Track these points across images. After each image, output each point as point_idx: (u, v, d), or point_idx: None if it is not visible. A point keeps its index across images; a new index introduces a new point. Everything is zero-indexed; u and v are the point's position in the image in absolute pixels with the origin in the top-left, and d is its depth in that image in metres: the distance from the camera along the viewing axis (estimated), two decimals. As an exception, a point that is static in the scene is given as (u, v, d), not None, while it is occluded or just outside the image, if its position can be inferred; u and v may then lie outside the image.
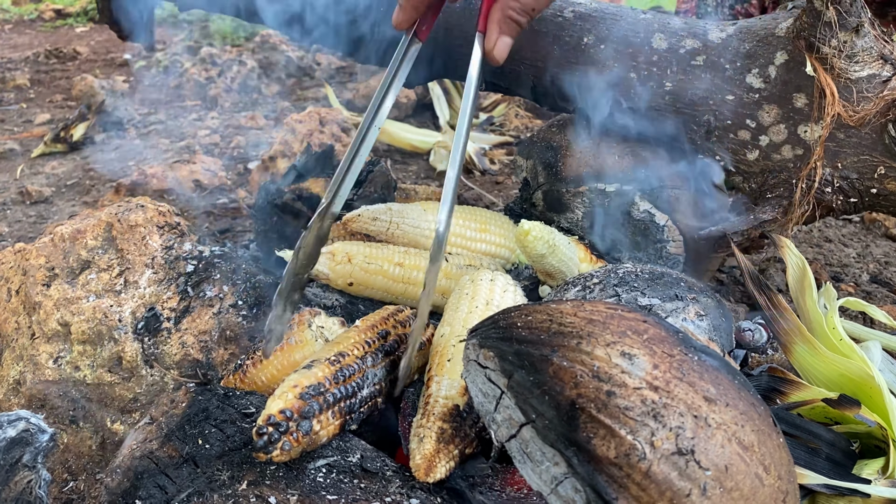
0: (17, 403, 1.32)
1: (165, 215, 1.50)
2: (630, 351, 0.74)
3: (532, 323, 0.79)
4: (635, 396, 0.70)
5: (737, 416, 0.73)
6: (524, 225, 1.27)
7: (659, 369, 0.73)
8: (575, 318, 0.78)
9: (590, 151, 1.58)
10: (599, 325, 0.77)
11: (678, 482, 0.67)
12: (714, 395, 0.73)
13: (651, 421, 0.69)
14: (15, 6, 7.99)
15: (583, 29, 1.50)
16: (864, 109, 1.29)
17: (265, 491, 0.88)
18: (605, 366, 0.72)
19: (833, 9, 1.26)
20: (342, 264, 1.36)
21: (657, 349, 0.75)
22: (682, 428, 0.69)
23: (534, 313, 0.81)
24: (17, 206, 2.59)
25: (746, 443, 0.72)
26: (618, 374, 0.72)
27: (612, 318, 0.78)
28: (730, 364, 0.80)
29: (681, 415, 0.70)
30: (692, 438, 0.69)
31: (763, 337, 1.41)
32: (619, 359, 0.73)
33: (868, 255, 2.10)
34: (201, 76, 4.19)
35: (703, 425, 0.70)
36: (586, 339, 0.75)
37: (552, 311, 0.80)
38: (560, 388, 0.72)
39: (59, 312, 1.35)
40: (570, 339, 0.75)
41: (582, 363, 0.73)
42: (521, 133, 3.24)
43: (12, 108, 3.97)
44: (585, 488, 0.69)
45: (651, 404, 0.70)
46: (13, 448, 0.89)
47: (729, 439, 0.71)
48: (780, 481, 0.74)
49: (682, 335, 0.79)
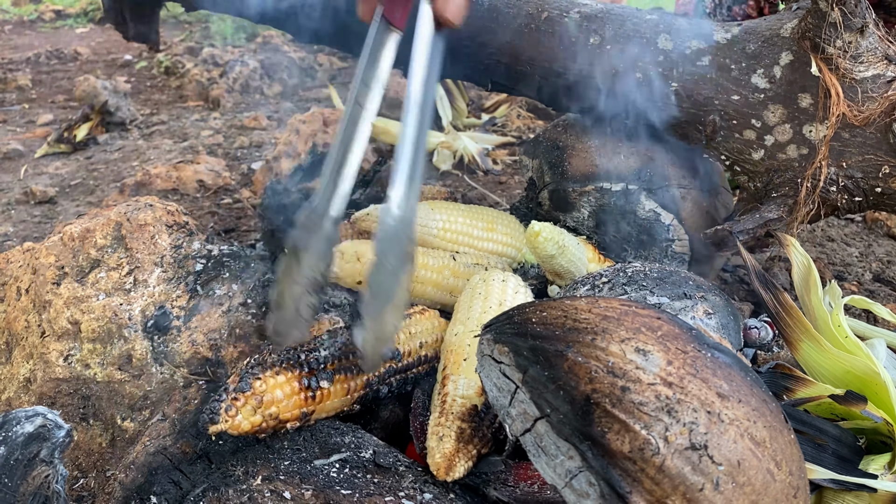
0: (28, 401, 1.33)
1: (174, 214, 1.51)
2: (644, 347, 0.75)
3: (547, 319, 0.80)
4: (649, 392, 0.71)
5: (749, 412, 0.74)
6: (534, 226, 1.28)
7: (673, 365, 0.73)
8: (589, 315, 0.79)
9: (595, 151, 1.59)
10: (614, 322, 0.78)
11: (691, 476, 0.68)
12: (727, 392, 0.74)
13: (665, 416, 0.70)
14: (15, 7, 7.99)
15: (589, 30, 1.51)
16: (868, 109, 1.30)
17: (279, 486, 0.89)
18: (619, 361, 0.73)
19: (838, 10, 1.26)
20: (351, 263, 1.38)
21: (671, 345, 0.76)
22: (696, 423, 0.70)
23: (548, 309, 0.82)
24: (22, 206, 2.59)
25: (758, 438, 0.73)
26: (632, 369, 0.73)
27: (627, 315, 0.79)
28: (742, 361, 0.81)
29: (694, 410, 0.70)
30: (705, 434, 0.70)
31: (769, 334, 1.42)
32: (633, 355, 0.74)
33: (871, 254, 2.12)
34: (203, 77, 4.20)
35: (716, 421, 0.71)
36: (601, 335, 0.76)
37: (567, 307, 0.81)
38: (575, 383, 0.73)
39: (69, 311, 1.35)
40: (584, 335, 0.76)
41: (597, 359, 0.74)
42: (524, 133, 3.25)
43: (14, 109, 3.97)
44: (599, 482, 0.70)
45: (665, 400, 0.71)
46: (31, 443, 0.90)
47: (741, 435, 0.71)
48: (791, 477, 0.75)
49: (696, 332, 0.80)
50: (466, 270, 1.42)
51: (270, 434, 0.98)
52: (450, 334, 1.14)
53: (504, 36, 1.57)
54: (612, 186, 1.54)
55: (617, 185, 1.54)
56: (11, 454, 0.88)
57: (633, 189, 1.53)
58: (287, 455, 0.95)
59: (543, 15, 1.55)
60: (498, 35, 1.57)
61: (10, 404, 1.35)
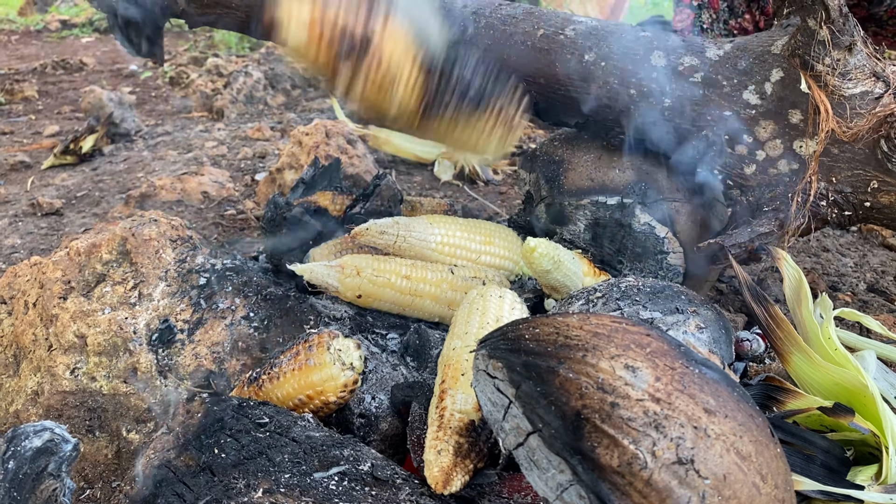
0: (36, 413, 1.36)
1: (178, 229, 1.54)
2: (633, 364, 0.77)
3: (539, 335, 0.82)
4: (638, 408, 0.73)
5: (735, 427, 0.76)
6: (530, 242, 1.31)
7: (661, 381, 0.76)
8: (581, 332, 0.82)
9: (591, 165, 1.62)
10: (604, 339, 0.80)
11: (678, 490, 0.71)
12: (714, 407, 0.76)
13: (653, 431, 0.72)
14: (21, 17, 8.06)
15: (584, 46, 1.54)
16: (857, 125, 1.33)
17: (280, 498, 0.92)
18: (609, 378, 0.76)
19: (826, 28, 1.29)
20: (351, 277, 1.40)
21: (659, 362, 0.78)
22: (683, 438, 0.72)
23: (541, 325, 0.84)
24: (29, 217, 2.63)
25: (744, 453, 0.75)
26: (621, 385, 0.75)
27: (617, 332, 0.82)
28: (729, 377, 0.84)
29: (681, 425, 0.73)
30: (692, 448, 0.72)
31: (761, 347, 1.45)
32: (622, 371, 0.76)
33: (865, 264, 2.14)
34: (207, 87, 4.24)
35: (702, 436, 0.73)
36: (591, 352, 0.78)
37: (559, 323, 0.84)
38: (566, 398, 0.75)
39: (76, 324, 1.39)
40: (575, 352, 0.79)
41: (587, 375, 0.76)
42: (524, 142, 3.27)
43: (21, 120, 4.02)
44: (589, 495, 0.72)
45: (653, 415, 0.73)
46: (39, 457, 0.93)
47: (727, 449, 0.74)
48: (776, 490, 0.77)
49: (684, 348, 0.83)
50: (464, 284, 1.45)
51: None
52: (447, 348, 1.17)
53: (501, 53, 1.60)
54: (607, 200, 1.57)
55: (612, 199, 1.57)
56: (20, 468, 0.91)
57: (629, 203, 1.56)
58: (287, 468, 0.98)
59: (539, 32, 1.58)
60: (494, 53, 1.60)
61: (19, 416, 1.38)
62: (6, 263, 2.23)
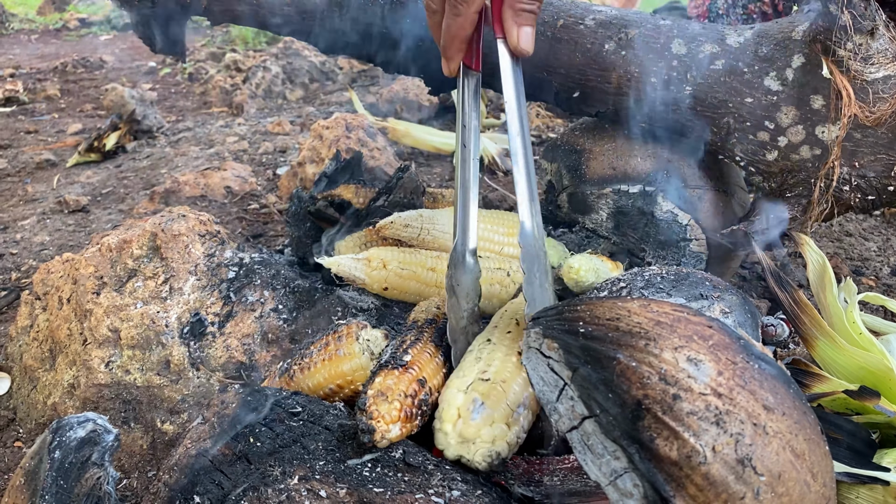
0: (73, 405, 1.40)
1: (206, 224, 1.57)
2: (696, 356, 0.77)
3: (599, 319, 0.82)
4: (700, 402, 0.73)
5: (791, 425, 0.76)
6: (573, 265, 1.34)
7: (723, 376, 0.76)
8: (643, 319, 0.81)
9: (613, 154, 1.63)
10: (667, 328, 0.80)
11: (734, 486, 0.71)
12: (772, 404, 0.76)
13: (713, 426, 0.72)
14: (40, 16, 8.15)
15: (604, 36, 1.55)
16: (879, 110, 1.33)
17: (315, 485, 0.94)
18: (672, 369, 0.75)
19: (848, 12, 1.29)
20: (378, 270, 1.42)
21: (721, 356, 0.78)
22: (742, 435, 0.72)
23: (600, 307, 0.84)
24: (57, 215, 2.67)
25: (799, 451, 0.75)
26: (684, 378, 0.75)
27: (679, 322, 0.81)
28: (786, 372, 0.83)
29: (741, 422, 0.73)
30: (750, 445, 0.72)
31: (785, 332, 1.45)
32: (685, 363, 0.76)
33: (889, 248, 2.13)
34: (227, 83, 4.27)
35: (761, 433, 0.73)
36: (654, 342, 0.78)
37: (619, 308, 0.84)
38: (627, 387, 0.75)
39: (109, 319, 1.42)
40: (637, 340, 0.78)
41: (649, 365, 0.76)
42: (542, 132, 3.28)
43: (45, 119, 4.07)
44: (644, 483, 0.73)
45: (715, 410, 0.73)
46: (83, 447, 0.96)
47: (784, 447, 0.74)
48: (824, 488, 0.77)
49: (744, 342, 0.82)
50: (489, 275, 1.46)
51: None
52: (448, 388, 1.10)
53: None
54: (629, 188, 1.58)
55: (634, 187, 1.58)
56: (66, 457, 0.94)
57: (651, 190, 1.57)
58: (321, 455, 1.00)
59: (559, 22, 1.59)
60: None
61: (56, 409, 1.42)
62: (36, 260, 2.27)
